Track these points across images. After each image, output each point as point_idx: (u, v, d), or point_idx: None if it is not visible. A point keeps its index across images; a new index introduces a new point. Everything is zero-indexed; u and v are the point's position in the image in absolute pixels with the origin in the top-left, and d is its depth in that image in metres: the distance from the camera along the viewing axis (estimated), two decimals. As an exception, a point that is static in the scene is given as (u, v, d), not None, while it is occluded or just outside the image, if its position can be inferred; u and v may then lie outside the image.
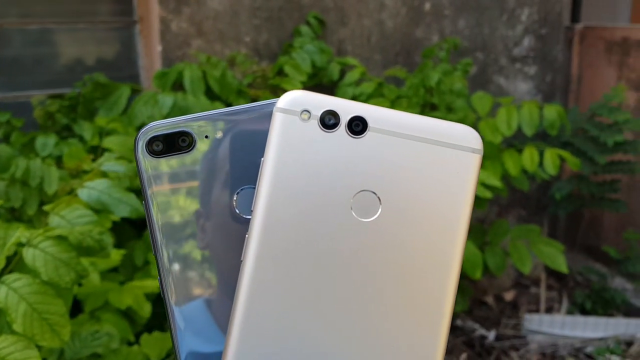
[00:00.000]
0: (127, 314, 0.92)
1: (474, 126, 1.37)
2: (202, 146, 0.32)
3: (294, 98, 0.29)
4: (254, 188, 0.30)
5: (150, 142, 0.31)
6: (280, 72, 1.40)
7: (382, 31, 1.65)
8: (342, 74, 1.46)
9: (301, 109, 0.29)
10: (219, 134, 0.32)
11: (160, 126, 0.31)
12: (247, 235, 0.29)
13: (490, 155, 1.34)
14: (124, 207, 0.51)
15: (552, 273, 1.94)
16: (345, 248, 0.29)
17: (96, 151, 1.15)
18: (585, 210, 1.96)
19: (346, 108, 0.29)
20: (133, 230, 1.18)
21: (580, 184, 1.74)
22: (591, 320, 1.58)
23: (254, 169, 0.30)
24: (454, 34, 1.73)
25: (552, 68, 1.90)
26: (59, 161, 1.15)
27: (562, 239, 2.09)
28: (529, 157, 1.27)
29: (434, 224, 0.29)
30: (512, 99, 1.36)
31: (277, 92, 1.37)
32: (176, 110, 1.11)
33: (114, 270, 1.07)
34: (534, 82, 1.86)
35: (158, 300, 1.16)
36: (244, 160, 0.32)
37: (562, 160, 1.31)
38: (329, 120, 0.29)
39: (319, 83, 1.46)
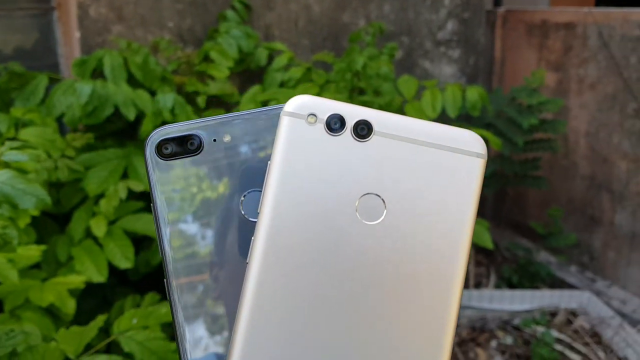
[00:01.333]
0: (51, 312, 0.89)
1: (401, 109, 1.39)
2: (210, 149, 0.32)
3: (301, 102, 0.30)
4: (260, 191, 0.30)
5: (160, 145, 0.32)
6: (206, 58, 1.37)
7: (309, 16, 1.65)
8: (270, 59, 1.44)
9: (307, 113, 0.29)
10: (227, 138, 0.32)
11: (169, 129, 0.32)
12: (253, 238, 0.29)
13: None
14: (29, 198, 0.48)
15: (480, 250, 2.01)
16: (351, 250, 0.29)
17: (12, 143, 1.09)
18: (510, 188, 2.03)
19: (352, 112, 0.30)
20: (55, 225, 1.14)
21: (504, 163, 1.80)
22: (518, 293, 1.65)
23: (260, 173, 0.31)
24: (380, 19, 1.75)
25: (475, 51, 1.95)
26: None
27: (490, 217, 2.16)
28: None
29: (439, 227, 0.29)
30: (436, 82, 1.38)
31: (204, 78, 1.35)
32: (95, 98, 1.08)
33: (37, 266, 1.03)
34: (458, 65, 1.90)
35: (84, 296, 1.13)
36: (251, 164, 0.32)
37: (485, 140, 1.35)
38: (334, 124, 0.30)
39: (246, 69, 1.44)
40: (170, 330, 1.17)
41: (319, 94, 1.31)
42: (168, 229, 0.31)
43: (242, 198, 0.32)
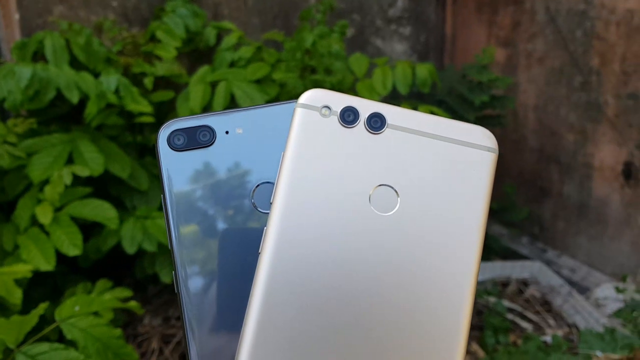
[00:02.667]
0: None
1: (352, 87, 1.39)
2: (222, 141, 0.32)
3: (315, 95, 0.30)
4: (272, 184, 0.31)
5: (172, 136, 0.32)
6: (153, 38, 1.34)
7: (259, -6, 1.62)
8: (219, 38, 1.42)
9: (321, 105, 0.30)
10: (240, 130, 0.32)
11: (181, 121, 0.32)
12: (265, 229, 0.29)
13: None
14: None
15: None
16: (364, 241, 0.29)
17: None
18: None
19: (365, 105, 0.30)
20: (0, 214, 1.11)
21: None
22: (470, 266, 1.69)
23: (272, 165, 0.31)
24: (331, -4, 1.74)
25: (426, 28, 1.96)
26: None
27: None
28: (404, 115, 1.31)
29: (451, 219, 0.29)
30: (387, 60, 1.39)
31: (151, 59, 1.32)
32: (36, 82, 1.04)
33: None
34: (409, 43, 1.91)
35: (34, 285, 1.10)
36: (263, 156, 0.32)
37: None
38: (348, 117, 0.30)
39: (195, 49, 1.41)
40: (115, 316, 1.15)
41: (270, 73, 1.30)
42: (177, 219, 0.31)
43: (254, 189, 0.32)
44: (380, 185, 0.30)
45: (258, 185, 0.32)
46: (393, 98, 1.68)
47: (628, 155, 1.62)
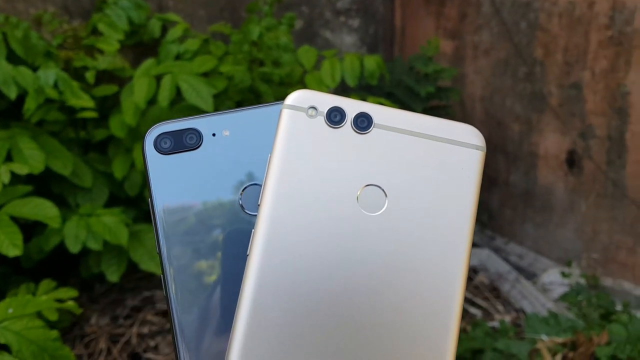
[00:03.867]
0: None
1: (301, 80, 1.39)
2: (209, 144, 0.32)
3: (302, 95, 0.30)
4: (260, 185, 0.31)
5: (158, 140, 0.32)
6: (95, 31, 1.30)
7: (205, -15, 1.60)
8: (164, 31, 1.39)
9: (308, 106, 0.30)
10: (227, 132, 0.32)
11: (168, 124, 0.32)
12: (253, 231, 0.29)
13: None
14: None
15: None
16: (352, 241, 0.28)
17: None
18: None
19: (352, 105, 0.30)
20: None
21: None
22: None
23: (259, 167, 0.31)
24: (279, -12, 1.72)
25: (375, 20, 1.97)
26: None
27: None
28: (353, 107, 1.32)
29: (440, 218, 0.29)
30: (336, 52, 1.39)
31: (93, 52, 1.28)
32: (-30, 77, 1.00)
33: None
34: (358, 35, 1.92)
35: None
36: (250, 158, 0.32)
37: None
38: (334, 117, 0.30)
39: (139, 42, 1.38)
40: (61, 316, 1.13)
41: (217, 66, 1.28)
42: (165, 223, 0.31)
43: (242, 192, 0.32)
44: (367, 185, 0.30)
45: (246, 188, 0.32)
46: (343, 90, 1.68)
47: (571, 143, 1.67)
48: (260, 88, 1.28)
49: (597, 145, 1.61)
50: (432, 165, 0.30)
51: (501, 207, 1.93)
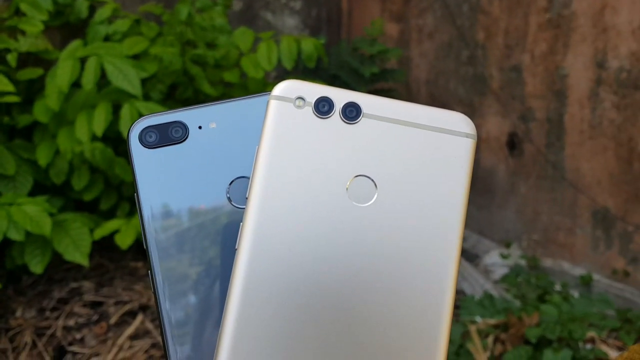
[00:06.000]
0: None
1: (237, 62, 1.36)
2: (195, 137, 0.32)
3: (289, 86, 0.29)
4: (248, 178, 0.30)
5: (143, 133, 0.31)
6: (18, 12, 1.24)
7: (140, -36, 1.54)
8: (93, 11, 1.34)
9: (295, 96, 0.29)
10: (213, 125, 0.32)
11: (153, 117, 0.31)
12: (241, 224, 0.28)
13: (256, 91, 1.34)
14: None
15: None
16: (343, 233, 0.28)
17: None
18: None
19: (340, 95, 0.30)
20: None
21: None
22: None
23: (247, 160, 0.30)
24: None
25: (317, 3, 1.95)
26: None
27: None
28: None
29: (431, 207, 0.28)
30: (272, 34, 1.36)
31: (16, 34, 1.22)
32: None
33: None
34: (300, 17, 1.89)
35: None
36: (238, 151, 0.32)
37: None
38: (323, 107, 0.29)
39: (65, 22, 1.33)
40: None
41: (148, 48, 1.24)
42: (151, 217, 0.30)
43: (229, 186, 0.32)
44: (357, 176, 0.29)
45: (233, 180, 0.32)
46: (287, 73, 1.66)
47: (512, 126, 1.69)
48: (193, 71, 1.24)
49: (536, 127, 1.63)
50: (422, 154, 0.30)
51: (446, 190, 1.94)
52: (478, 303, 1.21)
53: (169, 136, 0.32)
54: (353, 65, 1.69)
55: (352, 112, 0.30)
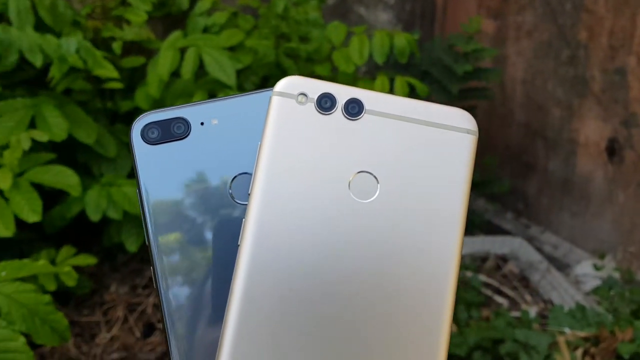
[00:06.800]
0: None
1: (329, 56, 1.36)
2: (197, 133, 0.32)
3: (291, 82, 0.30)
4: (250, 174, 0.30)
5: (145, 129, 0.31)
6: (124, 2, 1.31)
7: (239, -42, 1.58)
8: (193, 3, 1.39)
9: (298, 92, 0.30)
10: (215, 121, 0.32)
11: (155, 113, 0.32)
12: (243, 220, 0.28)
13: (346, 85, 1.34)
14: None
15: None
16: (345, 229, 0.28)
17: None
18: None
19: (342, 91, 0.30)
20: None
21: (441, 112, 1.79)
22: (449, 240, 1.67)
23: (249, 156, 0.30)
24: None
25: (414, -3, 1.92)
26: None
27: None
28: (380, 85, 1.28)
29: (433, 203, 0.29)
30: (365, 28, 1.35)
31: (121, 23, 1.29)
32: (-4, 44, 1.01)
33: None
34: (394, 12, 1.87)
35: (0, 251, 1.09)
36: (240, 147, 0.32)
37: (411, 87, 1.34)
38: (325, 103, 0.30)
39: (167, 13, 1.38)
40: (82, 283, 1.15)
41: (244, 41, 1.26)
42: (154, 214, 0.31)
43: (231, 182, 0.32)
44: (359, 172, 0.29)
45: (235, 177, 0.32)
46: (378, 68, 1.65)
47: (612, 131, 1.60)
48: (285, 64, 1.26)
49: (639, 134, 1.53)
50: (424, 150, 0.30)
51: (538, 195, 1.87)
52: (568, 314, 1.16)
53: (171, 132, 0.32)
54: (446, 62, 1.65)
55: (354, 108, 0.30)
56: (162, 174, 0.31)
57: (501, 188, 1.82)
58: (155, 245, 0.31)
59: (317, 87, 0.30)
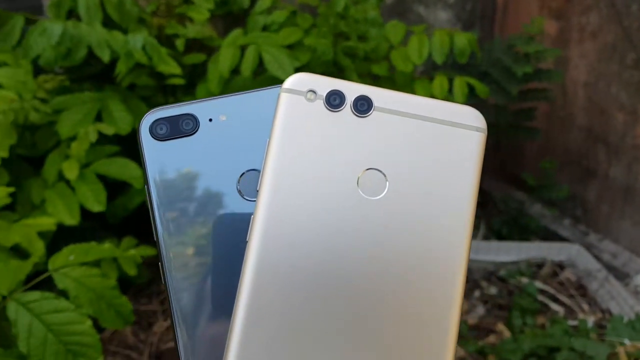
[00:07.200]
0: (23, 253, 0.90)
1: (386, 55, 1.36)
2: (206, 129, 0.32)
3: (300, 79, 0.30)
4: (258, 171, 0.30)
5: (154, 125, 0.31)
6: (187, 0, 1.34)
7: (299, -42, 1.59)
8: (254, 1, 1.41)
9: (307, 89, 0.30)
10: (223, 117, 0.32)
11: (163, 109, 0.32)
12: (252, 216, 0.29)
13: (403, 85, 1.34)
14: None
15: (474, 202, 1.99)
16: (353, 226, 0.28)
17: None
18: (505, 139, 2.00)
19: (351, 88, 0.30)
20: (30, 168, 1.14)
21: (498, 114, 1.76)
22: (504, 245, 1.64)
23: (257, 152, 0.31)
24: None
25: (474, -3, 1.89)
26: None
27: (485, 168, 2.13)
28: (438, 85, 1.27)
29: (441, 200, 0.29)
30: (425, 27, 1.34)
31: (184, 21, 1.32)
32: (67, 39, 1.05)
33: (10, 208, 1.04)
34: (453, 11, 1.84)
35: (64, 239, 1.13)
36: (248, 144, 0.32)
37: (471, 88, 1.32)
38: (334, 100, 0.30)
39: (228, 12, 1.40)
40: (140, 272, 1.18)
41: (302, 39, 1.27)
42: (162, 210, 0.31)
43: (240, 178, 0.32)
44: (368, 169, 0.29)
45: (244, 173, 0.32)
46: (435, 68, 1.63)
47: (681, 137, 1.53)
48: (343, 62, 1.26)
49: None
50: (432, 148, 0.30)
51: (598, 202, 1.81)
52: (627, 324, 1.12)
53: (179, 129, 0.31)
54: (505, 63, 1.62)
55: (363, 106, 0.30)
56: (170, 170, 0.31)
57: (559, 193, 1.77)
58: (163, 241, 0.31)
59: (326, 84, 0.30)
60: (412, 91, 1.33)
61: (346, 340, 0.27)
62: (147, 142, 0.31)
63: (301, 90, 0.30)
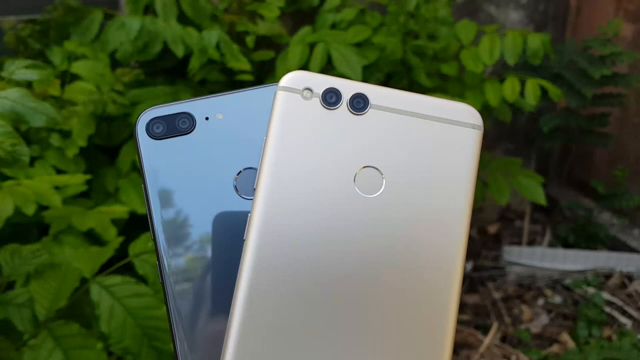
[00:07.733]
0: (96, 239, 0.93)
1: (456, 55, 1.34)
2: (202, 128, 0.32)
3: (296, 77, 0.30)
4: (255, 169, 0.31)
5: (150, 124, 0.31)
6: (259, -2, 1.36)
7: (369, -44, 1.59)
8: None
9: (303, 87, 0.30)
10: (220, 116, 0.32)
11: (160, 108, 0.32)
12: (249, 215, 0.29)
13: (472, 85, 1.32)
14: (40, 116, 0.50)
15: (539, 207, 1.94)
16: (350, 224, 0.29)
17: (65, 76, 1.13)
18: (575, 145, 1.93)
19: (348, 86, 0.30)
20: (106, 157, 1.18)
21: (569, 117, 1.71)
22: (571, 253, 1.59)
23: (254, 151, 0.31)
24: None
25: (547, -3, 1.84)
26: (29, 87, 1.14)
27: (553, 174, 2.08)
28: (509, 86, 1.24)
29: (438, 198, 0.29)
30: (497, 27, 1.31)
31: (255, 18, 1.34)
32: (144, 34, 1.09)
33: (86, 195, 1.08)
34: (525, 11, 1.80)
35: (133, 227, 1.17)
36: (245, 142, 0.32)
37: (544, 91, 1.28)
38: (330, 98, 0.30)
39: (298, 9, 1.41)
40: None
41: (370, 37, 1.27)
42: (159, 209, 0.31)
43: (237, 176, 0.32)
44: (364, 167, 0.29)
45: (241, 172, 0.32)
46: (504, 69, 1.60)
47: None
48: (412, 61, 1.25)
49: None
50: (429, 145, 0.30)
51: (672, 212, 1.73)
52: None
53: (176, 127, 0.31)
54: (580, 65, 1.57)
55: (359, 103, 0.30)
56: (167, 169, 0.31)
57: (630, 203, 1.71)
58: (160, 240, 0.30)
59: (322, 82, 0.30)
60: (481, 92, 1.30)
61: (344, 336, 0.27)
62: (143, 141, 0.31)
63: (297, 88, 0.30)
